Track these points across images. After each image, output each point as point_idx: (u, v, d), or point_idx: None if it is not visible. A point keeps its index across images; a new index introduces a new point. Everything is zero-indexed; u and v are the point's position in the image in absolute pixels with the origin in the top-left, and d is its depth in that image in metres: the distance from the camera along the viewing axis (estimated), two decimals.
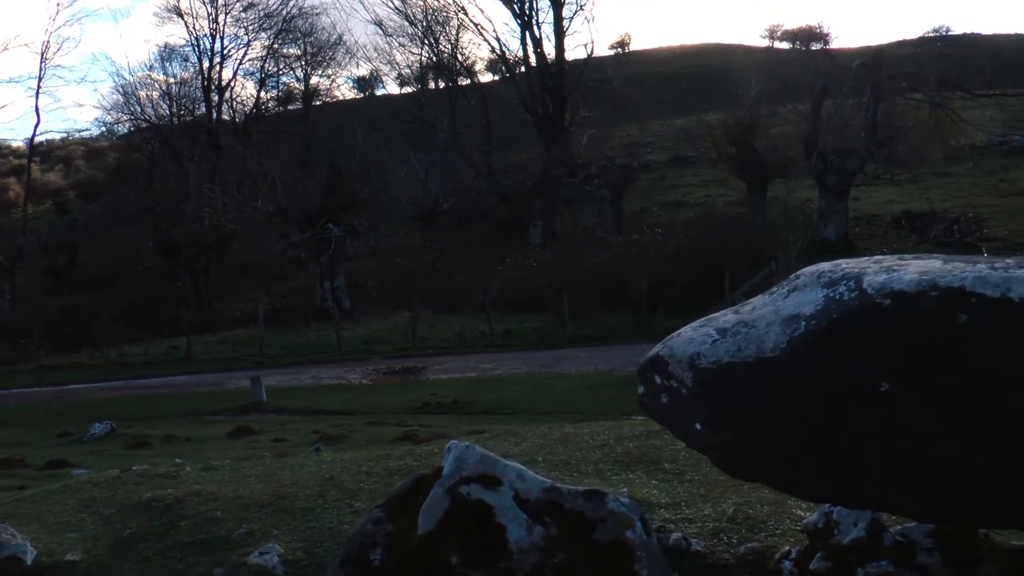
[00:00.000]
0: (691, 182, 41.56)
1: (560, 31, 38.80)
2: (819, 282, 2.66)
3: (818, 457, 2.59)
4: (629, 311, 25.26)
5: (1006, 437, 2.36)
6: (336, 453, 8.75)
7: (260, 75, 54.18)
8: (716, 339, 2.78)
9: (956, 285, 2.39)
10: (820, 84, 31.77)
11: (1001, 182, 37.47)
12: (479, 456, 3.40)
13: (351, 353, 27.03)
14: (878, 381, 2.44)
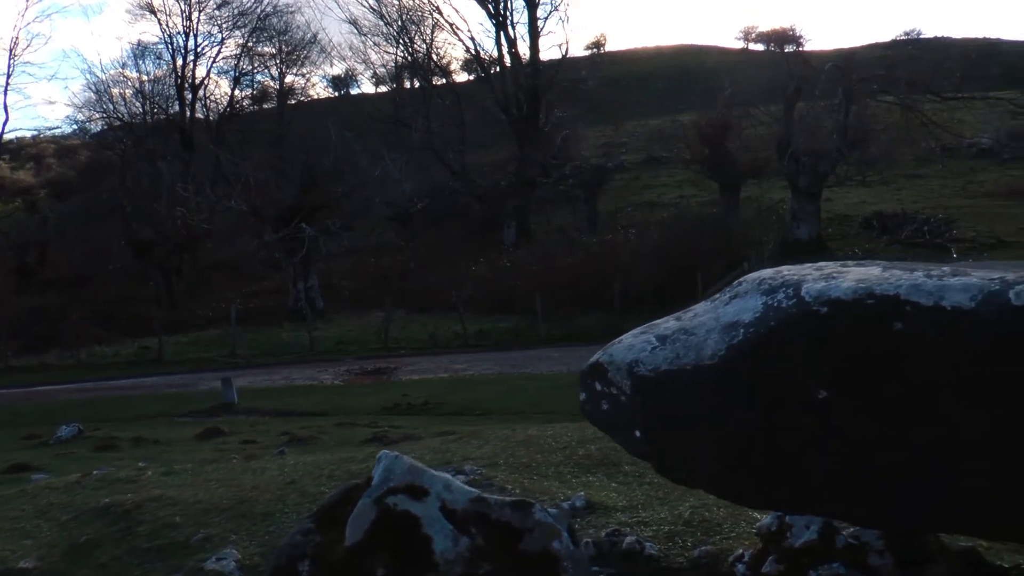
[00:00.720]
0: (665, 183, 41.70)
1: (535, 31, 38.89)
2: (759, 289, 2.66)
3: (757, 464, 2.59)
4: (602, 311, 25.29)
5: (941, 444, 2.37)
6: (300, 456, 8.71)
7: (234, 73, 53.84)
8: (656, 346, 2.78)
9: (891, 293, 2.40)
10: (793, 86, 31.98)
11: (969, 184, 37.93)
12: (407, 467, 3.39)
13: (324, 354, 26.90)
14: (816, 388, 2.46)
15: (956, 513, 2.45)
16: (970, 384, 2.32)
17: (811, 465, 2.52)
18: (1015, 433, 2.30)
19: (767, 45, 55.34)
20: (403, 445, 8.39)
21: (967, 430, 2.34)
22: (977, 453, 2.34)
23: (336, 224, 33.84)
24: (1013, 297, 2.29)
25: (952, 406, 2.34)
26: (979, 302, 2.32)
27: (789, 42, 49.72)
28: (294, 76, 56.56)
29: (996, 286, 2.34)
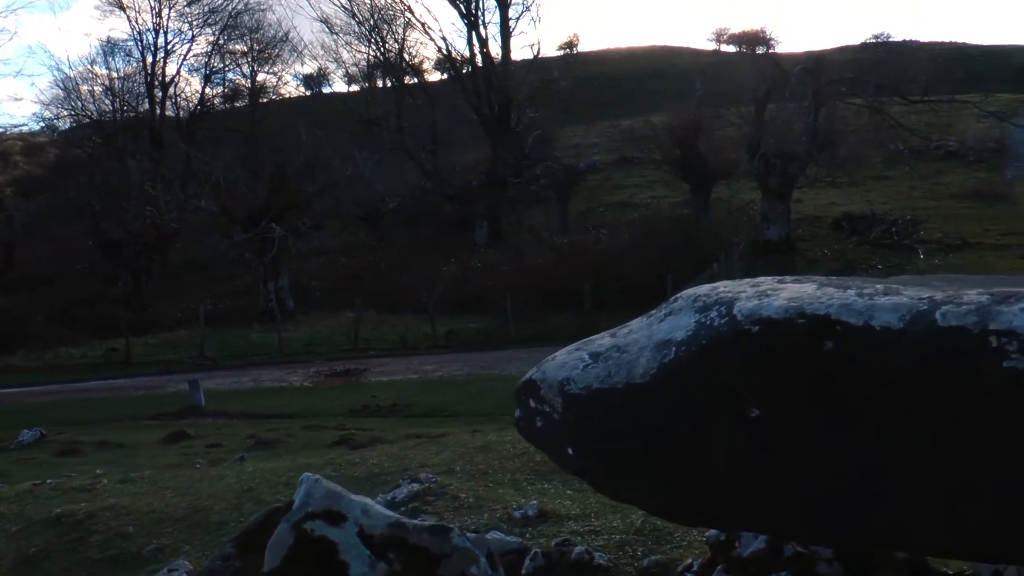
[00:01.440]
0: (637, 183, 41.82)
1: (506, 32, 38.86)
2: (693, 307, 2.66)
3: (690, 482, 2.59)
4: (572, 312, 25.32)
5: (872, 463, 2.38)
6: (260, 463, 8.66)
7: (205, 71, 53.30)
8: (588, 364, 2.77)
9: (822, 313, 2.40)
10: (763, 88, 32.19)
11: (936, 185, 38.37)
12: (325, 491, 3.36)
13: (293, 355, 26.77)
14: (748, 407, 2.46)
15: (889, 531, 2.46)
16: (899, 404, 2.33)
17: (744, 483, 2.52)
18: (943, 453, 2.31)
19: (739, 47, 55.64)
20: (364, 451, 8.36)
21: (897, 449, 2.35)
22: (907, 472, 2.35)
23: (306, 224, 33.67)
24: (939, 318, 2.30)
25: (883, 425, 2.35)
26: (907, 322, 2.33)
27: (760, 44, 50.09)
28: (266, 74, 56.15)
29: (924, 306, 2.35)
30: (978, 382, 2.24)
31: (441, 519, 5.04)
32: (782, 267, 30.49)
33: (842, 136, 31.85)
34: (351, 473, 6.75)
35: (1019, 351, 2.20)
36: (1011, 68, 53.72)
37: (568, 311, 25.50)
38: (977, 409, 2.26)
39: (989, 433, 2.26)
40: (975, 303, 2.31)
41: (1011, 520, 2.29)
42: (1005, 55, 57.27)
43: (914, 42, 49.35)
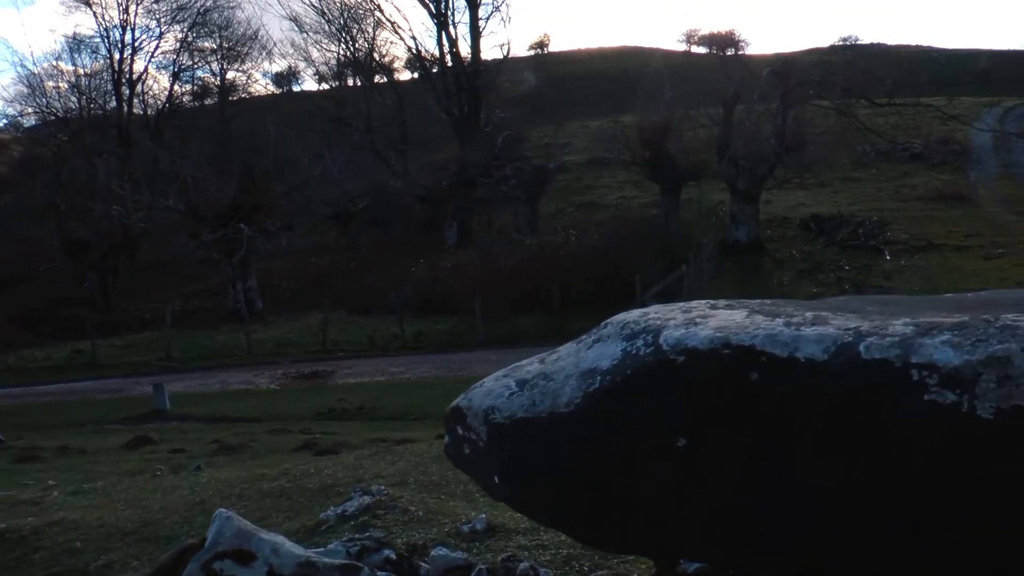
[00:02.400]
0: (607, 183, 41.91)
1: (476, 31, 38.77)
2: (621, 334, 2.64)
3: (616, 512, 2.57)
4: (541, 313, 25.33)
5: (799, 493, 2.37)
6: (216, 472, 8.56)
7: (174, 69, 52.79)
8: (514, 392, 2.74)
9: (747, 343, 2.39)
10: (732, 90, 32.35)
11: (903, 187, 38.78)
12: (236, 529, 3.31)
13: (261, 357, 26.56)
14: (675, 436, 2.44)
15: (819, 559, 2.45)
16: (825, 435, 2.32)
17: (671, 512, 2.50)
18: (868, 484, 2.30)
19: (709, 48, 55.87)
20: (320, 460, 8.28)
21: (824, 479, 2.34)
22: (834, 502, 2.34)
23: (275, 224, 33.42)
24: (863, 350, 2.29)
25: (809, 456, 2.34)
26: (832, 354, 2.32)
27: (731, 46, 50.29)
28: (235, 72, 55.72)
29: (849, 338, 2.34)
30: (900, 415, 2.24)
31: (390, 533, 5.00)
32: (751, 268, 30.74)
33: (810, 138, 32.10)
34: (304, 484, 6.68)
35: (939, 384, 2.20)
36: (974, 72, 54.46)
37: (537, 312, 25.51)
38: (900, 441, 2.25)
39: (912, 465, 2.26)
40: (899, 335, 2.31)
41: (933, 548, 2.29)
42: (969, 59, 58.02)
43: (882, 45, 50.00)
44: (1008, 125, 44.53)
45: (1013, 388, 2.16)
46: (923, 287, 26.94)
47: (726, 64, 37.44)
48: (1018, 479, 2.19)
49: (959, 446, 2.21)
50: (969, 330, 2.29)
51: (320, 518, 5.56)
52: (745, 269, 30.37)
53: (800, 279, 29.22)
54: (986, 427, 2.17)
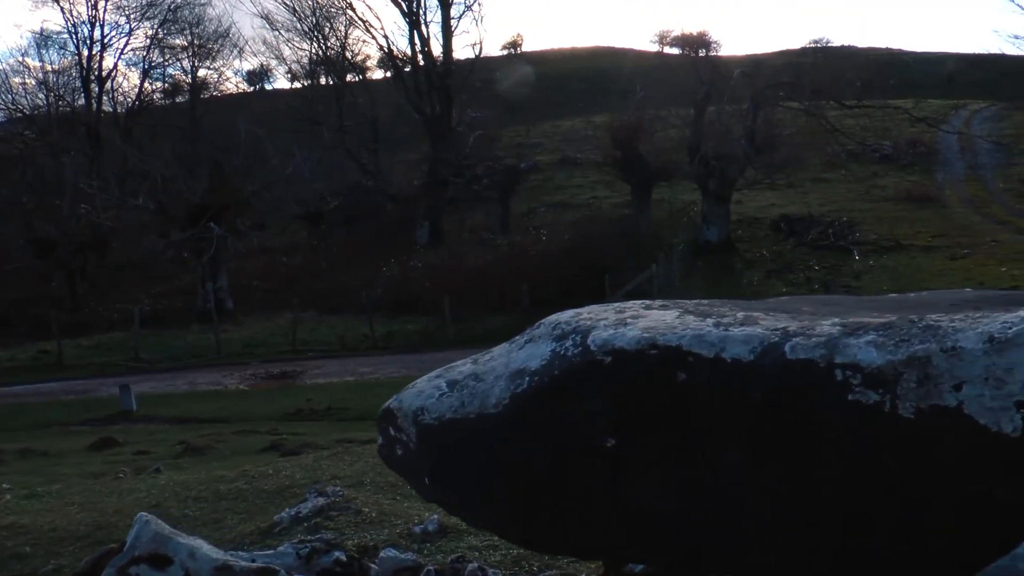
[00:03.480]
0: (579, 183, 41.97)
1: (448, 31, 38.65)
2: (551, 335, 2.63)
3: (546, 513, 2.57)
4: (511, 313, 25.30)
5: (727, 492, 2.37)
6: (175, 474, 8.48)
7: (144, 66, 52.24)
8: (444, 393, 2.73)
9: (674, 344, 2.39)
10: (702, 91, 32.50)
11: (872, 188, 39.14)
12: (152, 533, 3.28)
13: (230, 357, 26.34)
14: (604, 437, 2.43)
15: (748, 560, 2.46)
16: (752, 435, 2.33)
17: (600, 512, 2.50)
18: (795, 485, 2.31)
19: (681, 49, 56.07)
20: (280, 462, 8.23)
21: (751, 479, 2.35)
22: (761, 501, 2.35)
23: (246, 223, 33.18)
24: (788, 351, 2.30)
25: (735, 457, 2.34)
26: (757, 354, 2.32)
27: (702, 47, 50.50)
28: (207, 70, 55.24)
29: (776, 338, 2.34)
30: (825, 415, 2.25)
31: (342, 535, 4.98)
32: (722, 267, 30.91)
33: (780, 139, 32.30)
34: (261, 486, 6.64)
35: (863, 384, 2.21)
36: (942, 75, 55.08)
37: (507, 312, 25.48)
38: (825, 441, 2.26)
39: (838, 465, 2.27)
40: (825, 335, 2.32)
41: (859, 550, 2.30)
42: (938, 62, 58.68)
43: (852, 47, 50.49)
44: (974, 127, 45.10)
45: (932, 388, 2.17)
46: (891, 287, 27.20)
47: (697, 65, 37.54)
48: (938, 478, 2.20)
49: (882, 445, 2.22)
50: (893, 330, 2.30)
51: (274, 520, 5.52)
52: (716, 269, 30.53)
53: (770, 279, 29.41)
54: (907, 426, 2.19)
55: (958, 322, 2.28)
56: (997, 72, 48.64)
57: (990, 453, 2.14)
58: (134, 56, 52.31)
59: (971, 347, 2.17)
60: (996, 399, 2.13)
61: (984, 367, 2.15)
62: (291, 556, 4.55)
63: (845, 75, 32.27)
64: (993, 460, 2.14)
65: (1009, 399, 2.12)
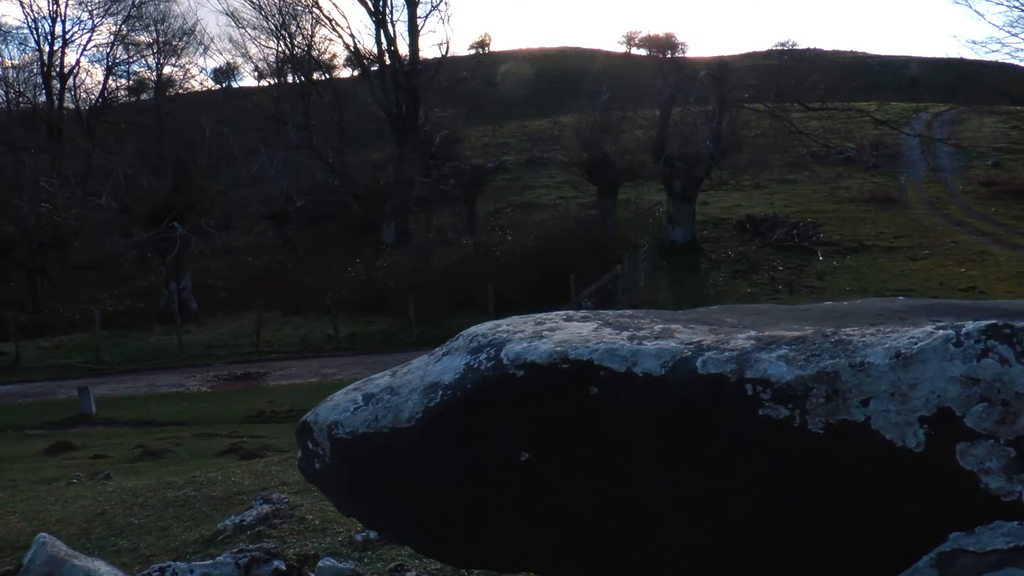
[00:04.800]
0: (546, 184, 42.06)
1: (414, 30, 38.51)
2: (468, 347, 2.61)
3: (461, 527, 2.55)
4: (476, 313, 25.25)
5: (640, 506, 2.37)
6: (124, 480, 8.38)
7: (107, 62, 51.56)
8: (359, 406, 2.70)
9: (586, 358, 2.38)
10: (668, 93, 32.65)
11: (836, 189, 39.55)
12: (47, 556, 3.23)
13: (193, 358, 26.09)
14: (518, 450, 2.42)
15: (663, 569, 2.45)
16: (664, 449, 2.32)
17: (516, 525, 2.49)
18: (707, 499, 2.31)
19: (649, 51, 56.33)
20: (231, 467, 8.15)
21: (664, 493, 2.34)
22: (674, 516, 2.35)
23: (210, 223, 32.87)
24: (700, 365, 2.29)
25: (649, 470, 2.34)
26: (669, 369, 2.32)
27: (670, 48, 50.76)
28: (172, 67, 54.66)
29: (688, 352, 2.34)
30: (736, 429, 2.24)
31: (283, 543, 4.94)
32: (687, 268, 31.08)
33: (745, 141, 32.54)
34: (209, 493, 6.57)
35: (773, 399, 2.21)
36: (905, 79, 55.83)
37: (471, 312, 25.42)
38: (736, 456, 2.26)
39: (749, 479, 2.27)
40: (738, 350, 2.31)
41: (772, 559, 2.31)
42: (901, 66, 59.49)
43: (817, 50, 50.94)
44: (935, 130, 45.77)
45: (840, 403, 2.18)
46: (854, 287, 27.55)
47: (663, 67, 37.70)
48: (847, 492, 2.21)
49: (792, 459, 2.23)
50: (806, 344, 2.31)
51: (218, 528, 5.47)
52: (681, 269, 30.70)
53: (735, 279, 29.63)
54: (816, 441, 2.19)
55: (869, 337, 2.29)
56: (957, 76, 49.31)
57: (896, 467, 2.15)
58: (97, 52, 51.69)
59: (878, 362, 2.18)
60: (901, 414, 2.14)
61: (890, 382, 2.16)
62: (230, 566, 4.50)
63: (809, 78, 32.55)
64: (898, 474, 2.15)
65: (913, 414, 2.14)
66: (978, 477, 2.10)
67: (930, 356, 2.16)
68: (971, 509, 2.11)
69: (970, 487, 2.11)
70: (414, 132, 37.18)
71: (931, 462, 2.13)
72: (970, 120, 46.92)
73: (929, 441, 2.13)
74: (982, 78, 42.14)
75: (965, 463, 2.11)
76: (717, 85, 32.63)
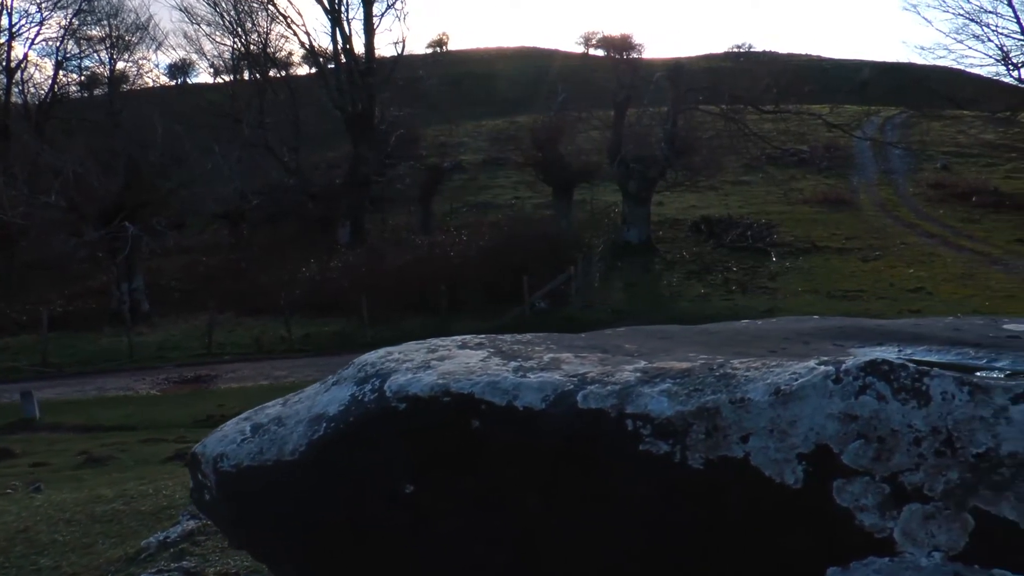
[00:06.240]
0: (502, 184, 42.06)
1: (370, 28, 38.30)
2: (356, 377, 2.57)
3: (347, 561, 2.51)
4: (430, 314, 25.21)
5: (525, 541, 2.35)
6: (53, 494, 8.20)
7: (57, 56, 50.52)
8: (246, 438, 2.65)
9: (467, 391, 2.35)
10: (623, 94, 32.78)
11: (790, 191, 39.99)
12: None
13: (144, 361, 25.72)
14: (403, 484, 2.39)
15: None
16: (547, 485, 2.30)
17: (402, 559, 2.46)
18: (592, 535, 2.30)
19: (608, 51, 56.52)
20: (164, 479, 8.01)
21: (548, 527, 2.32)
22: (559, 553, 2.33)
23: (162, 222, 32.42)
24: (580, 400, 2.28)
25: (533, 505, 2.32)
26: (550, 403, 2.30)
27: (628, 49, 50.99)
28: (126, 63, 53.75)
29: (570, 386, 2.32)
30: (617, 465, 2.23)
31: (205, 562, 4.85)
32: (641, 268, 31.25)
33: (699, 142, 32.78)
34: (139, 507, 6.45)
35: (653, 435, 2.20)
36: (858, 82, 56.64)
37: (425, 313, 25.38)
38: (618, 492, 2.25)
39: (632, 515, 2.26)
40: (621, 383, 2.30)
41: None
42: (854, 69, 60.39)
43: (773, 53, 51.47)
44: (887, 133, 46.53)
45: (721, 439, 2.17)
46: (806, 288, 27.92)
47: (618, 68, 37.86)
48: (729, 527, 2.21)
49: (674, 495, 2.22)
50: (690, 378, 2.30)
51: (141, 545, 5.37)
52: (636, 270, 30.85)
53: (689, 280, 29.85)
54: (697, 477, 2.18)
55: (753, 371, 2.28)
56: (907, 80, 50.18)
57: (775, 504, 2.15)
58: (47, 47, 50.60)
59: (758, 399, 2.17)
60: (780, 451, 2.14)
61: (770, 419, 2.15)
62: None
63: (762, 80, 32.87)
64: (778, 511, 2.15)
65: (792, 451, 2.14)
66: (853, 514, 2.10)
67: (809, 393, 2.16)
68: (847, 545, 2.12)
69: (846, 524, 2.11)
70: (370, 131, 36.95)
71: (809, 499, 2.13)
72: (920, 124, 47.76)
73: (807, 478, 2.13)
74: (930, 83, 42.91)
75: (841, 500, 2.11)
76: (672, 87, 32.84)
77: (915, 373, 2.17)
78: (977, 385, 2.14)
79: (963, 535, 2.04)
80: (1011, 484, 2.02)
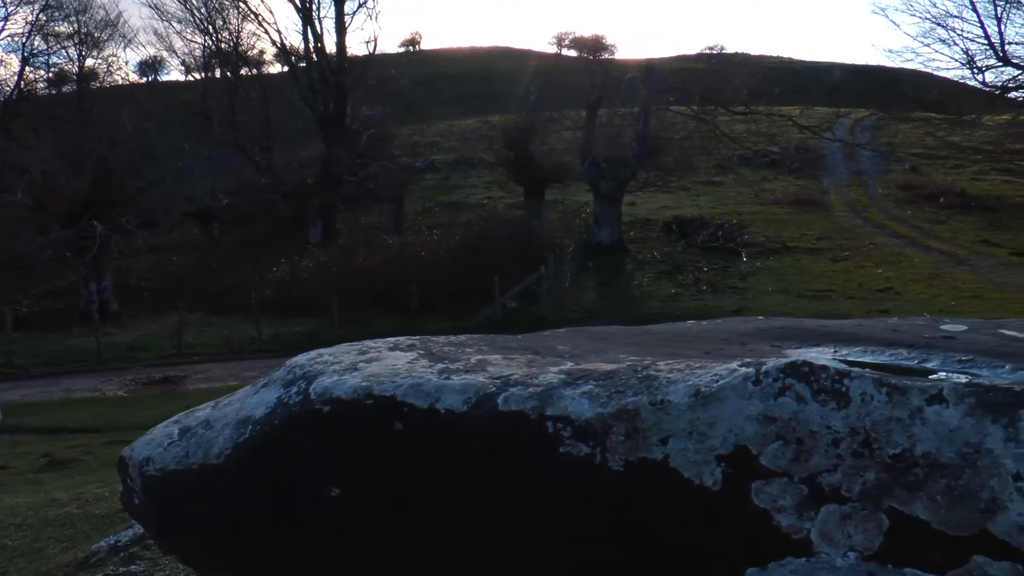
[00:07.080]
0: (475, 184, 42.06)
1: (341, 26, 38.11)
2: (284, 379, 2.56)
3: (274, 565, 2.50)
4: (400, 314, 25.15)
5: (449, 543, 2.35)
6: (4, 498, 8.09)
7: (24, 52, 49.83)
8: (174, 441, 2.63)
9: (389, 394, 2.34)
10: (594, 95, 32.87)
11: (761, 192, 40.28)
12: None
13: (112, 361, 25.46)
14: (328, 486, 2.38)
15: None
16: (470, 486, 2.30)
17: (329, 562, 2.45)
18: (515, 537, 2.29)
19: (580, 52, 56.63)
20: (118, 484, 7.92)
21: (473, 529, 2.32)
22: (484, 550, 2.33)
23: (132, 221, 32.12)
24: (501, 402, 2.27)
25: (456, 507, 2.31)
26: (471, 405, 2.29)
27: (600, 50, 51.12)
28: (95, 60, 53.12)
29: (493, 388, 2.32)
30: (538, 468, 2.23)
31: (155, 566, 4.82)
32: (613, 268, 31.34)
33: (670, 143, 32.93)
34: (92, 511, 6.40)
35: (573, 437, 2.20)
36: (829, 84, 57.19)
37: (396, 313, 25.31)
38: (540, 492, 2.25)
39: (554, 514, 2.26)
40: (543, 385, 2.30)
41: None
42: (825, 71, 60.95)
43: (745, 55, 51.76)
44: (856, 135, 47.02)
45: (640, 441, 2.17)
46: (776, 287, 28.10)
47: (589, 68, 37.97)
48: (650, 528, 2.21)
49: (594, 496, 2.22)
50: (613, 380, 2.30)
51: (91, 550, 5.31)
52: (607, 270, 30.94)
53: (660, 280, 29.97)
54: (617, 478, 2.19)
55: (676, 373, 2.29)
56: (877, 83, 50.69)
57: (695, 505, 2.16)
58: (12, 42, 49.81)
59: (678, 400, 2.18)
60: (699, 453, 2.15)
61: (689, 421, 2.16)
62: None
63: (733, 82, 33.08)
64: (698, 512, 2.16)
65: (711, 453, 2.14)
66: (771, 515, 2.11)
67: (728, 394, 2.16)
68: (766, 546, 2.12)
69: (764, 524, 2.12)
70: (342, 130, 36.80)
71: (728, 500, 2.14)
72: (889, 126, 48.27)
73: (726, 479, 2.13)
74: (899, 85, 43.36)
75: (759, 501, 2.12)
76: (644, 87, 32.97)
77: (835, 375, 2.19)
78: (895, 386, 2.15)
79: (878, 535, 2.06)
80: (924, 484, 2.04)
